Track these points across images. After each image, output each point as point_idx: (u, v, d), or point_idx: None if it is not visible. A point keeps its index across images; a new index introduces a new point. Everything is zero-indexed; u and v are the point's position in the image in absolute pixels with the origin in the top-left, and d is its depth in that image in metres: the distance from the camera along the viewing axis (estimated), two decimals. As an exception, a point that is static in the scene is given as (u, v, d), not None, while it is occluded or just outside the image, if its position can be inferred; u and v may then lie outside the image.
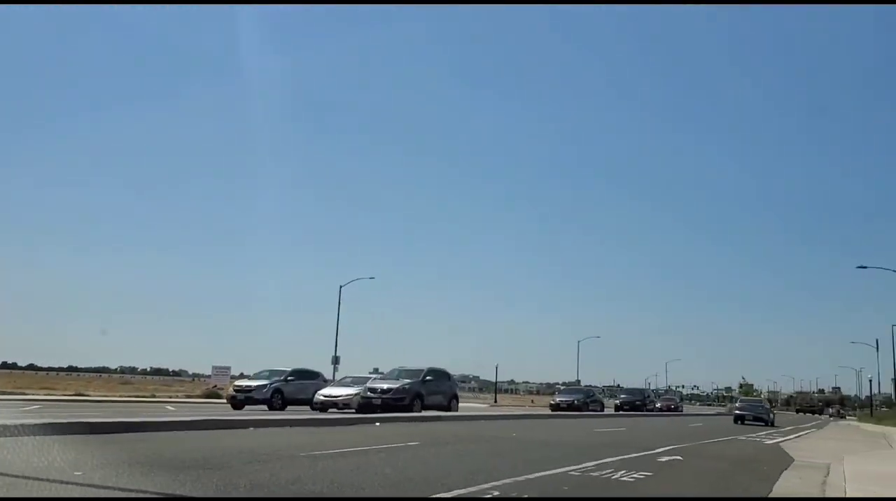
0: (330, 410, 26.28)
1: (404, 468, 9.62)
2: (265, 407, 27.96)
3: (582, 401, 42.67)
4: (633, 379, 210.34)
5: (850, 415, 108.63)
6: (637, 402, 52.07)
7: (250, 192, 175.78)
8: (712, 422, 41.52)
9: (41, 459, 8.48)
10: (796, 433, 30.98)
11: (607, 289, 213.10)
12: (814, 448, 20.04)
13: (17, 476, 7.15)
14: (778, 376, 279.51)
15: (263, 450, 10.75)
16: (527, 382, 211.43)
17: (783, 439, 24.43)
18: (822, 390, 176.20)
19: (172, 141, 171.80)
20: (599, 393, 61.27)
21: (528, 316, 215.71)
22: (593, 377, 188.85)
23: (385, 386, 26.61)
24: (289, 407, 28.63)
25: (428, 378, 27.93)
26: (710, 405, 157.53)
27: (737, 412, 42.22)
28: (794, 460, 14.93)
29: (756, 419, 40.06)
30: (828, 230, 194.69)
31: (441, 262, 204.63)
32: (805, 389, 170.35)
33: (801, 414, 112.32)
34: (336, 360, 49.58)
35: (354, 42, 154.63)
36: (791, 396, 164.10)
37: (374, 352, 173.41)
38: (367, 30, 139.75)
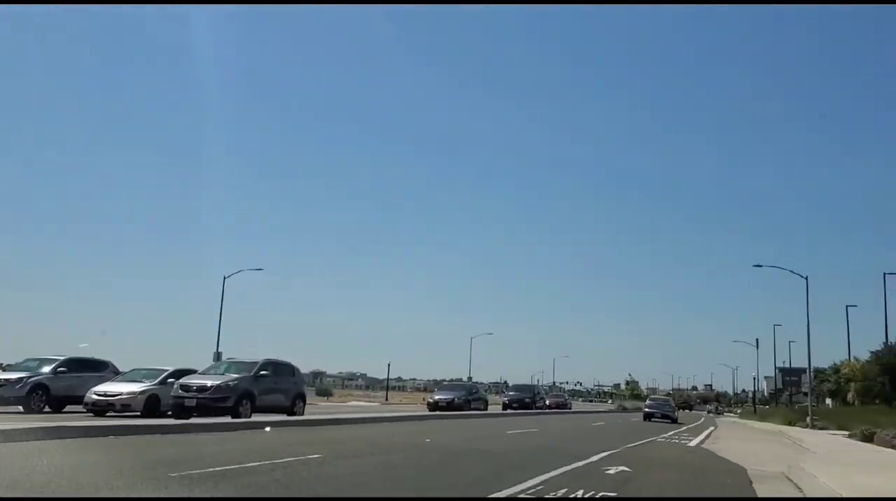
0: (109, 413, 21.07)
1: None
2: (20, 409, 21.51)
3: (463, 399, 37.73)
4: (521, 376, 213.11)
5: (728, 412, 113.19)
6: (527, 399, 46.67)
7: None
8: (612, 420, 40.82)
9: None
10: (702, 431, 30.21)
11: (500, 287, 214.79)
12: (743, 452, 18.80)
13: None
14: (658, 373, 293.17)
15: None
16: (414, 379, 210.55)
17: (700, 440, 23.30)
18: (696, 387, 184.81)
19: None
20: (485, 390, 57.09)
21: (420, 313, 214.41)
22: (485, 374, 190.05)
23: (203, 383, 20.68)
24: (67, 407, 22.91)
25: (263, 372, 21.99)
26: (591, 401, 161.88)
27: (646, 410, 45.33)
28: (745, 469, 13.37)
29: (664, 416, 43.17)
30: (724, 229, 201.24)
31: (335, 259, 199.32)
32: (682, 387, 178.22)
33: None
34: (217, 357, 45.70)
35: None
36: (669, 393, 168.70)
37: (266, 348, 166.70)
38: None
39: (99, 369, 24.62)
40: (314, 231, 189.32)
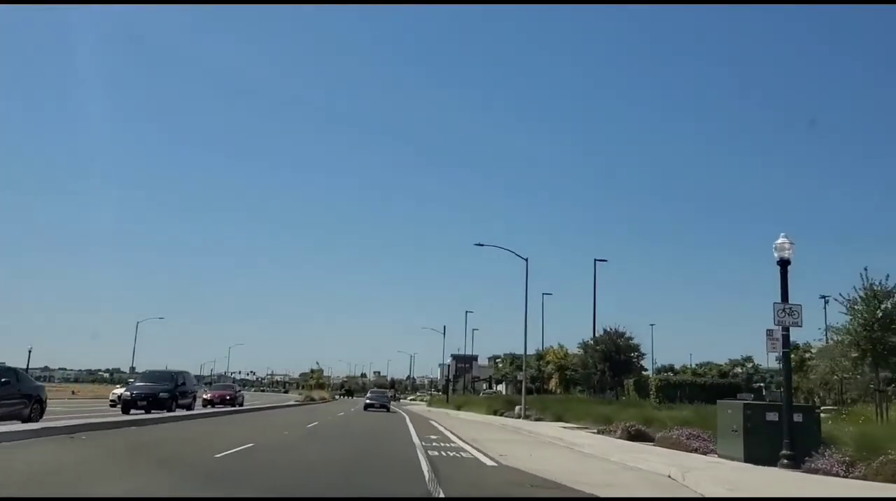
0: None
1: None
2: None
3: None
4: (191, 365, 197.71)
5: (410, 399, 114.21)
6: (162, 394, 27.91)
7: None
8: (320, 416, 34.61)
9: None
10: (456, 434, 25.12)
11: (168, 272, 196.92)
12: (559, 468, 13.58)
13: None
14: (334, 361, 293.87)
15: None
16: (64, 369, 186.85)
17: (482, 452, 17.84)
18: (365, 374, 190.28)
19: None
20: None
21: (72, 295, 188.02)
22: (151, 364, 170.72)
23: None
24: None
25: None
26: (263, 391, 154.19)
27: (367, 401, 52.47)
28: None
29: (381, 406, 50.54)
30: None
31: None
32: (353, 374, 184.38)
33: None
34: None
35: None
36: (344, 380, 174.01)
37: None
38: None
39: None
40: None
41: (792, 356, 53.50)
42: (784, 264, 14.63)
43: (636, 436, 22.07)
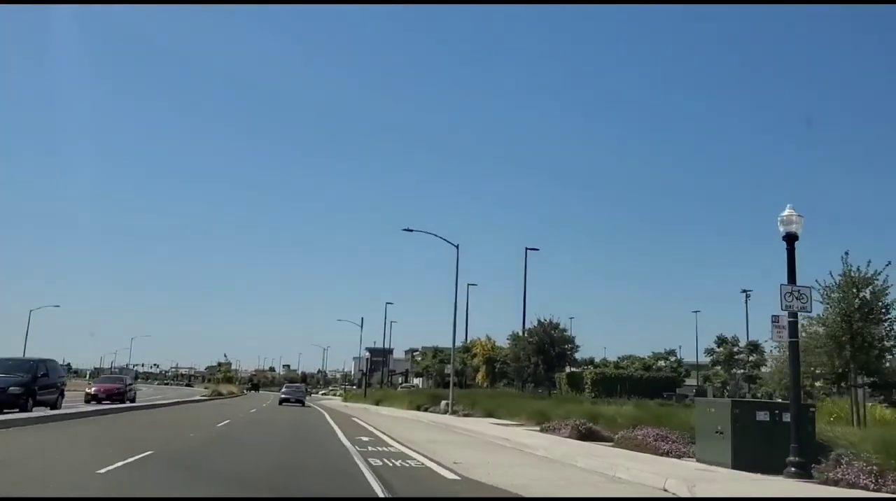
0: None
1: None
2: None
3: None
4: (92, 358, 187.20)
5: (323, 394, 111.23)
6: (13, 389, 22.44)
7: None
8: (231, 413, 31.28)
9: None
10: (392, 435, 22.46)
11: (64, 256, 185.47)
12: (522, 478, 11.17)
13: None
14: (243, 353, 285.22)
15: None
16: None
17: (431, 456, 15.26)
18: (273, 368, 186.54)
19: None
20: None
21: None
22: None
23: None
24: None
25: None
26: (167, 384, 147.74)
27: (283, 396, 53.70)
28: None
29: (297, 401, 52.52)
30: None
31: None
32: (262, 367, 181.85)
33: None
34: None
35: None
36: (254, 373, 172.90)
37: None
38: None
39: None
40: None
41: (720, 349, 53.17)
42: (791, 239, 12.68)
43: (587, 435, 19.98)
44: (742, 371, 48.88)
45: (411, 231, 38.41)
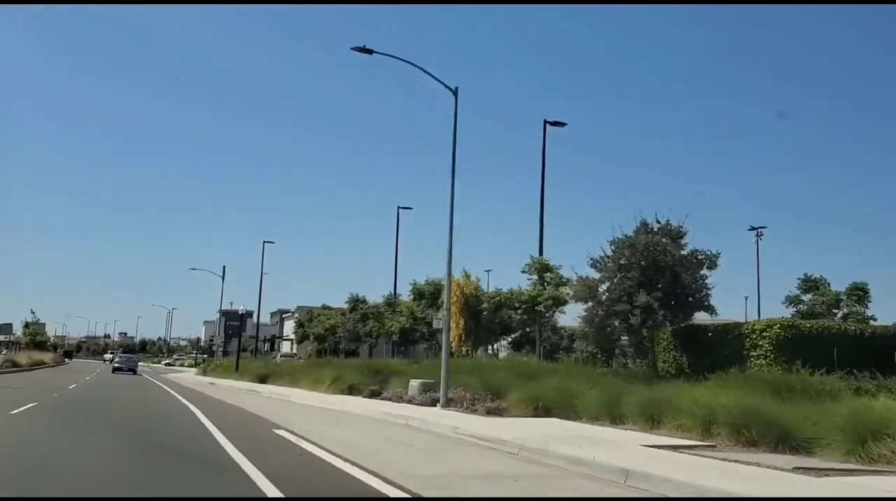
0: None
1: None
2: None
3: None
4: None
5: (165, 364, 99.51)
6: None
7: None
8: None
9: None
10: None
11: None
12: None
13: None
14: (62, 316, 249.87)
15: None
16: None
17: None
18: (109, 335, 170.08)
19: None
20: None
21: None
22: None
23: None
24: None
25: None
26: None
27: (115, 365, 56.11)
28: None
29: (129, 369, 53.71)
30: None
31: None
32: (96, 334, 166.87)
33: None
34: None
35: None
36: (83, 340, 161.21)
37: None
38: None
39: None
40: None
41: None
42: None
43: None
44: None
45: (371, 52, 20.06)
